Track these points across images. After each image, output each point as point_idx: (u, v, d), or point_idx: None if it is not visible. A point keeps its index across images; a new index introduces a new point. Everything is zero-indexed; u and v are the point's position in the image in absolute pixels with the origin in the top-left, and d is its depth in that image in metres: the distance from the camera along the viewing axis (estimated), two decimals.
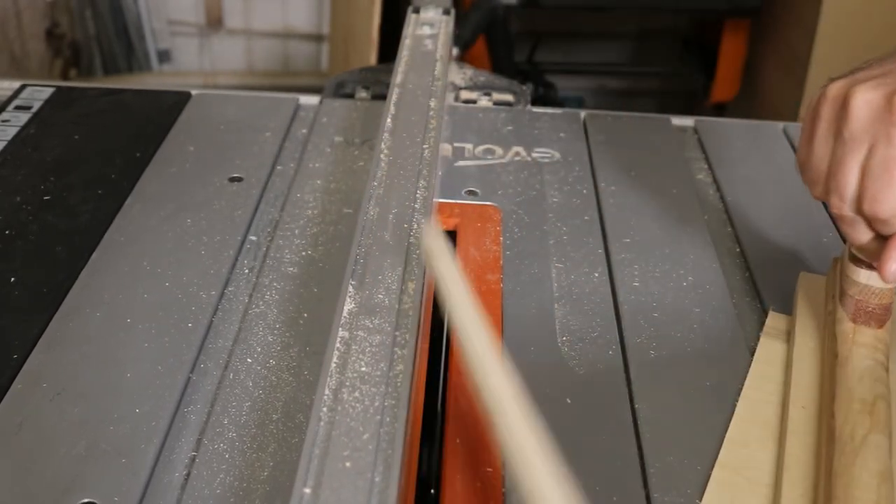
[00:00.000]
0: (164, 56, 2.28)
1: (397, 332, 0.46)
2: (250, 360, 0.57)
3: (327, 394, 0.42)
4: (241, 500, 0.48)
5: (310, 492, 0.38)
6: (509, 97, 0.89)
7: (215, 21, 2.25)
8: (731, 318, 0.62)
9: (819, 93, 0.54)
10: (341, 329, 0.46)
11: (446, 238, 0.49)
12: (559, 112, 0.88)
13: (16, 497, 0.47)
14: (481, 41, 1.82)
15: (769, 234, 0.71)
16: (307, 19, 2.25)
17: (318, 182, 0.75)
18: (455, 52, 1.06)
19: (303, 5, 2.24)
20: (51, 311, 0.59)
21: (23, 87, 0.87)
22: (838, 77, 0.53)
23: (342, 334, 0.46)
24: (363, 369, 0.44)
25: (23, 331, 0.57)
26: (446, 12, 0.88)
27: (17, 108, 0.84)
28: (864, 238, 0.53)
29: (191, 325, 0.59)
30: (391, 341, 0.46)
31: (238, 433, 0.51)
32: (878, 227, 0.52)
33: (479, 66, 0.95)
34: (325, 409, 0.41)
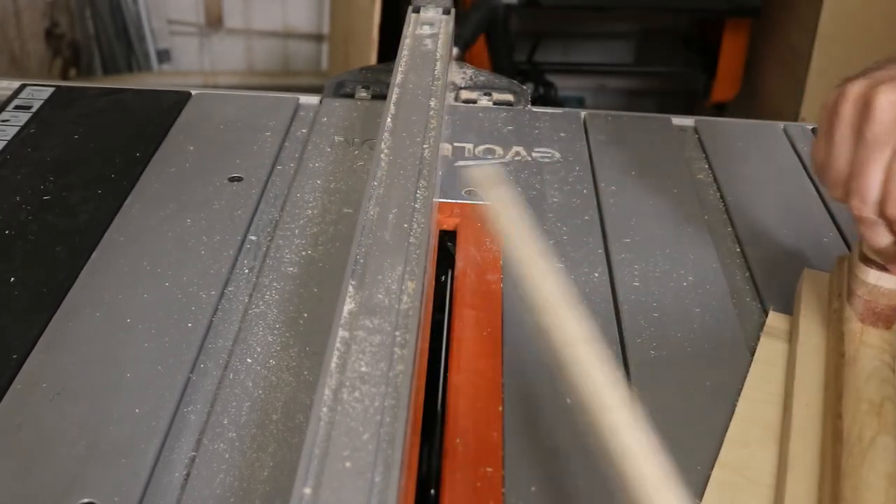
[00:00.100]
0: (164, 56, 2.28)
1: (397, 332, 0.46)
2: (250, 361, 0.57)
3: (327, 394, 0.42)
4: (240, 500, 0.48)
5: (310, 492, 0.38)
6: (509, 97, 0.89)
7: (215, 21, 2.25)
8: (731, 318, 0.62)
9: (837, 92, 0.52)
10: (341, 329, 0.46)
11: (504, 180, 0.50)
12: (559, 112, 0.88)
13: (16, 497, 0.47)
14: (481, 41, 1.82)
15: (769, 234, 0.71)
16: (307, 19, 2.25)
17: (318, 182, 0.75)
18: (455, 51, 1.06)
19: (303, 5, 2.24)
20: (51, 311, 0.59)
21: (22, 87, 0.87)
22: (855, 77, 0.52)
23: (342, 334, 0.46)
24: (363, 369, 0.44)
25: (23, 331, 0.57)
26: (446, 12, 0.88)
27: (17, 107, 0.84)
28: (883, 241, 0.52)
29: (191, 325, 0.59)
30: (391, 341, 0.46)
31: (238, 433, 0.51)
32: None
33: (479, 66, 0.95)
34: (325, 409, 0.41)
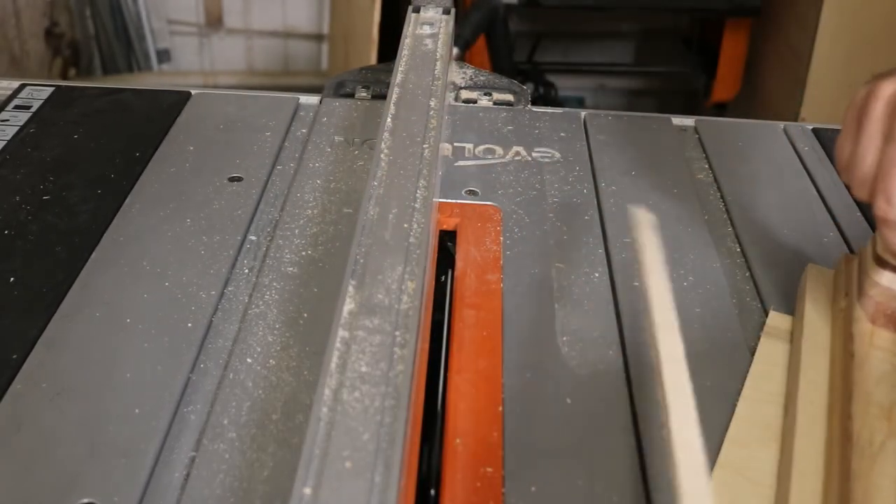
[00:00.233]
0: (164, 56, 2.28)
1: (397, 332, 0.46)
2: (250, 360, 0.57)
3: (327, 394, 0.42)
4: (240, 500, 0.47)
5: (310, 492, 0.38)
6: (509, 97, 0.89)
7: (215, 21, 2.25)
8: (731, 318, 0.62)
9: (866, 89, 0.52)
10: (341, 329, 0.46)
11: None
12: (559, 112, 0.88)
13: (16, 497, 0.47)
14: (481, 41, 1.82)
15: (769, 233, 0.71)
16: (307, 19, 2.25)
17: (318, 182, 0.75)
18: (455, 51, 1.06)
19: (303, 5, 2.24)
20: (50, 311, 0.59)
21: (22, 87, 0.87)
22: (886, 74, 0.51)
23: (342, 334, 0.46)
24: (363, 369, 0.44)
25: (23, 331, 0.57)
26: (446, 12, 0.88)
27: (17, 107, 0.84)
28: None
29: (191, 325, 0.59)
30: (391, 341, 0.46)
31: (238, 433, 0.51)
32: None
33: (479, 66, 0.95)
34: (325, 409, 0.41)
